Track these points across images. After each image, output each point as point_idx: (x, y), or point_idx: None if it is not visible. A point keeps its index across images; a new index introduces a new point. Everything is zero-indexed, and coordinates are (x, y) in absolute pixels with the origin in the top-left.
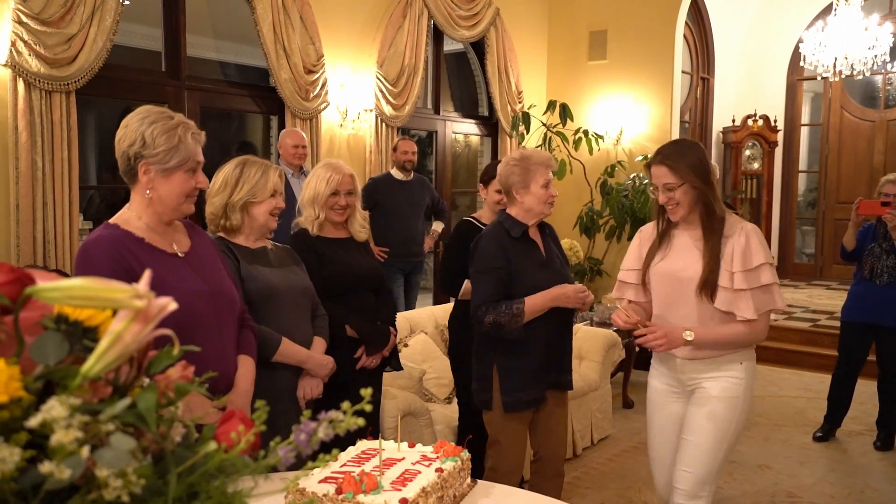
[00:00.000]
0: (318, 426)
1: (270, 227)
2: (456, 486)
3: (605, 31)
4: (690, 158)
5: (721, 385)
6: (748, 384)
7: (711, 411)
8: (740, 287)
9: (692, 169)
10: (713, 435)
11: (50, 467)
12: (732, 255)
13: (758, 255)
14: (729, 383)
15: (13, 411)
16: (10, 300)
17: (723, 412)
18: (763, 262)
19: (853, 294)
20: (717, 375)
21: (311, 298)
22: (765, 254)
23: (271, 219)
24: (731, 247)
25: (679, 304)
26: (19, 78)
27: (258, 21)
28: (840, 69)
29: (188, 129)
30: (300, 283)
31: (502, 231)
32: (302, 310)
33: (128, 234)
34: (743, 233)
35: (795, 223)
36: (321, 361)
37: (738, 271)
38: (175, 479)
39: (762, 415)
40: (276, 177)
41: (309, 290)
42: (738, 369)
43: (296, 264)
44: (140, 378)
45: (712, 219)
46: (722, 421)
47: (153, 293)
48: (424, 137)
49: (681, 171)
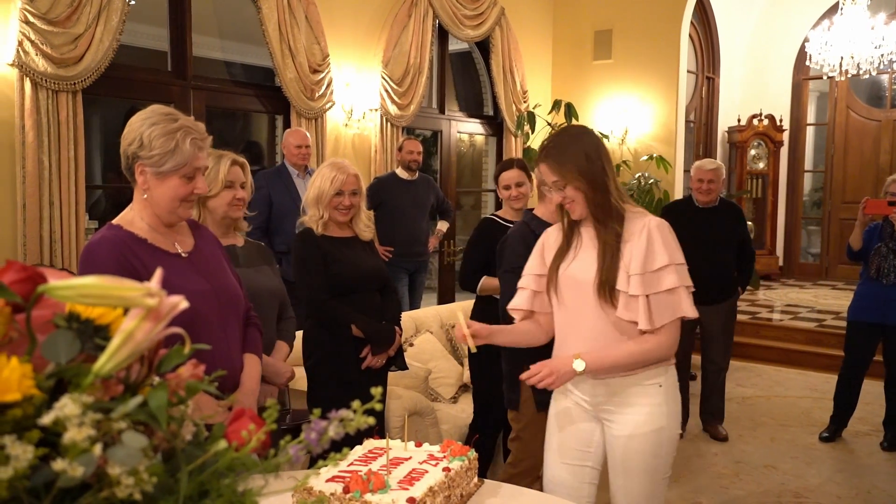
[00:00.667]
0: (329, 425)
1: (233, 217)
2: (463, 486)
3: (611, 30)
4: (572, 153)
5: (641, 420)
6: (671, 409)
7: (635, 450)
8: (635, 293)
9: (575, 165)
10: (644, 476)
11: (62, 465)
12: (631, 256)
13: (661, 255)
14: (649, 414)
15: (26, 409)
16: (23, 298)
17: (648, 448)
18: (667, 264)
19: (860, 294)
20: (632, 403)
21: (279, 300)
22: (670, 254)
23: (233, 209)
24: (630, 246)
25: (584, 312)
26: (26, 77)
27: (263, 21)
28: (846, 68)
29: (188, 134)
30: (266, 285)
31: (528, 231)
32: (265, 313)
33: (131, 235)
34: (645, 230)
35: (801, 223)
36: (278, 369)
37: (636, 274)
38: (186, 478)
39: (768, 415)
40: (230, 166)
41: (277, 291)
42: (656, 394)
43: (266, 264)
44: (151, 377)
45: (605, 214)
46: (652, 457)
47: (164, 292)
48: (429, 137)
49: (563, 169)
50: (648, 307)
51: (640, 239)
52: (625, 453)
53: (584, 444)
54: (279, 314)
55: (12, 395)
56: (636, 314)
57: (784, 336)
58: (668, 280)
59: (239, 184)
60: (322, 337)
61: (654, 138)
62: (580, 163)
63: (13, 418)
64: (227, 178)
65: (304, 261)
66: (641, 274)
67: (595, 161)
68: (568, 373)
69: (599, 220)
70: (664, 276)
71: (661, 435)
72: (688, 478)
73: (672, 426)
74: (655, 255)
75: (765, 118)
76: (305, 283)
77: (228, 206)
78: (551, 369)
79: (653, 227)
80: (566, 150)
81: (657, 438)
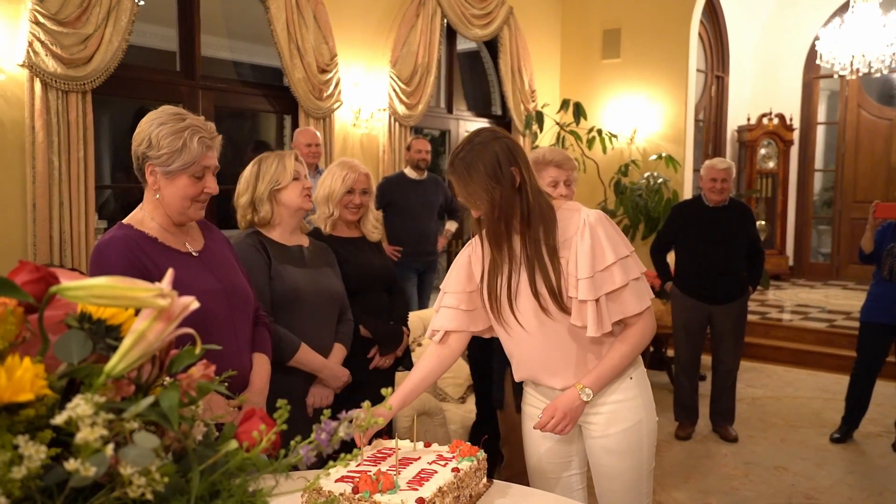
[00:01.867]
0: (339, 425)
1: (306, 209)
2: (472, 486)
3: (619, 29)
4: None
5: (615, 417)
6: (645, 398)
7: (616, 449)
8: (584, 297)
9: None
10: (629, 474)
11: (75, 465)
12: (577, 259)
13: (608, 252)
14: (623, 411)
15: (38, 409)
16: (35, 299)
17: (629, 444)
18: (614, 261)
19: (873, 294)
20: (605, 402)
21: (339, 303)
22: (614, 248)
23: (305, 199)
24: (572, 248)
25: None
26: (36, 78)
27: (272, 21)
28: (857, 67)
29: (196, 133)
30: (329, 287)
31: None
32: (326, 315)
33: (141, 234)
34: (586, 228)
35: (811, 222)
36: (336, 373)
37: (585, 277)
38: (197, 478)
39: (778, 416)
40: (294, 161)
41: (338, 294)
42: (627, 387)
43: (328, 266)
44: (162, 377)
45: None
46: (633, 453)
47: (176, 292)
48: (437, 137)
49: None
50: (598, 310)
51: (583, 239)
52: (605, 453)
53: (564, 456)
54: (339, 317)
55: (25, 395)
56: (584, 319)
57: (794, 336)
58: (616, 278)
59: (304, 175)
60: None
61: (662, 137)
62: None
63: (26, 418)
64: (294, 170)
65: None
66: (591, 277)
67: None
68: (579, 407)
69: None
70: (614, 274)
71: (641, 427)
72: (697, 478)
73: (650, 417)
74: (604, 252)
75: (775, 117)
76: None
77: (301, 198)
78: (563, 412)
79: (592, 222)
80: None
81: (637, 432)
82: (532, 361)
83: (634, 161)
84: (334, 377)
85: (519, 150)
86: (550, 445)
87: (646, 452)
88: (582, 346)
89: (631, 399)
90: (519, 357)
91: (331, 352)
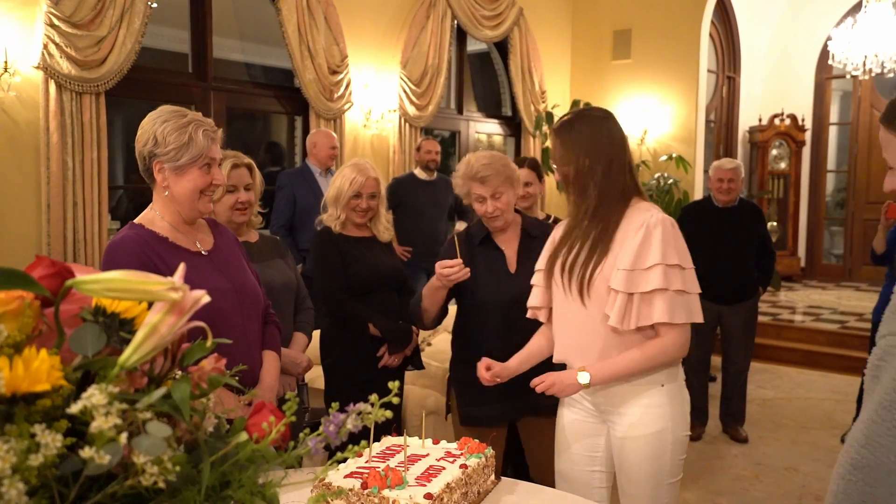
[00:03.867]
0: (347, 417)
1: (237, 222)
2: (480, 483)
3: (630, 30)
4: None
5: (641, 420)
6: (675, 409)
7: (637, 452)
8: (615, 287)
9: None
10: (648, 480)
11: (90, 452)
12: (623, 251)
13: (654, 253)
14: (650, 416)
15: (54, 400)
16: (51, 293)
17: (651, 450)
18: (657, 263)
19: (886, 296)
20: (633, 404)
21: (293, 292)
22: (663, 253)
23: (235, 213)
24: (624, 240)
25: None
26: (51, 80)
27: (283, 22)
28: (870, 67)
29: (200, 126)
30: (279, 278)
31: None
32: (281, 305)
33: (152, 234)
34: (644, 227)
35: (823, 223)
36: (294, 359)
37: (622, 269)
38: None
39: (789, 417)
40: (231, 170)
41: (290, 284)
42: (658, 395)
43: (280, 257)
44: (174, 370)
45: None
46: (654, 460)
47: (187, 286)
48: (447, 137)
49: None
50: (627, 305)
51: (636, 235)
52: (626, 455)
53: (591, 449)
54: (296, 306)
55: (42, 386)
56: (611, 308)
57: (806, 338)
58: (653, 280)
59: (243, 186)
60: (340, 336)
61: (673, 138)
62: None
63: (42, 408)
64: (229, 181)
65: (322, 259)
66: (629, 270)
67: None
68: (571, 385)
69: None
70: (651, 276)
71: (664, 437)
72: (707, 479)
73: (677, 428)
74: (648, 253)
75: (786, 118)
76: (323, 281)
77: (231, 211)
78: (554, 380)
79: (652, 224)
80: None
81: (659, 440)
82: (567, 341)
83: (645, 162)
84: (293, 363)
85: (623, 139)
86: (580, 435)
87: (667, 463)
88: (609, 338)
89: (658, 406)
90: (559, 335)
91: (291, 341)
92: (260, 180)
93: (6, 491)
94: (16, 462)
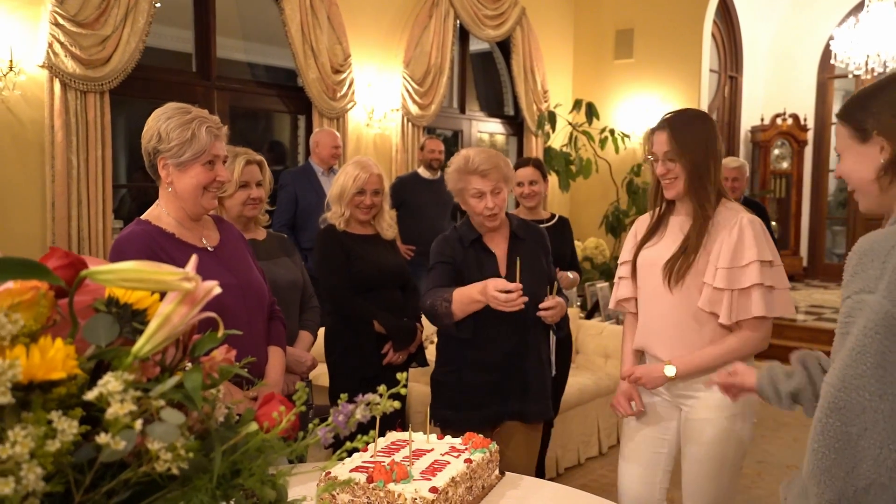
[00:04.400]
0: (356, 408)
1: (248, 217)
2: (484, 478)
3: (632, 29)
4: (697, 129)
5: (718, 404)
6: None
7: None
8: (720, 286)
9: (696, 140)
10: (713, 461)
11: (106, 439)
12: (721, 249)
13: (749, 251)
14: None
15: (70, 388)
16: (66, 283)
17: (723, 433)
18: (753, 260)
19: None
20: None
21: (299, 290)
22: (758, 250)
23: (247, 208)
24: (721, 239)
25: (658, 298)
26: (55, 78)
27: (286, 22)
28: (872, 66)
29: (203, 123)
30: (285, 277)
31: (454, 237)
32: (287, 304)
33: (158, 230)
34: (737, 226)
35: (825, 223)
36: (299, 358)
37: (723, 268)
38: (220, 457)
39: (791, 415)
40: (245, 165)
41: (296, 282)
42: None
43: (286, 255)
44: (185, 360)
45: (702, 199)
46: (722, 442)
47: (199, 276)
48: (450, 137)
49: (683, 141)
50: (732, 302)
51: (732, 233)
52: (697, 436)
53: (662, 432)
54: (302, 304)
55: (58, 374)
56: (719, 307)
57: (808, 337)
58: (749, 276)
59: (255, 182)
60: (344, 333)
61: None
62: (701, 139)
63: (58, 396)
64: (242, 177)
65: (326, 257)
66: (729, 268)
67: (712, 143)
68: (659, 377)
69: (692, 203)
70: (748, 272)
71: (735, 422)
72: None
73: (747, 414)
74: (744, 250)
75: (788, 117)
76: (328, 278)
77: (243, 206)
78: (643, 373)
79: (745, 223)
80: (691, 125)
81: (732, 424)
82: (650, 328)
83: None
84: (297, 362)
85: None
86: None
87: (734, 447)
88: (692, 329)
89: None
90: (642, 320)
91: (296, 339)
92: (269, 177)
93: (25, 475)
94: (34, 447)
